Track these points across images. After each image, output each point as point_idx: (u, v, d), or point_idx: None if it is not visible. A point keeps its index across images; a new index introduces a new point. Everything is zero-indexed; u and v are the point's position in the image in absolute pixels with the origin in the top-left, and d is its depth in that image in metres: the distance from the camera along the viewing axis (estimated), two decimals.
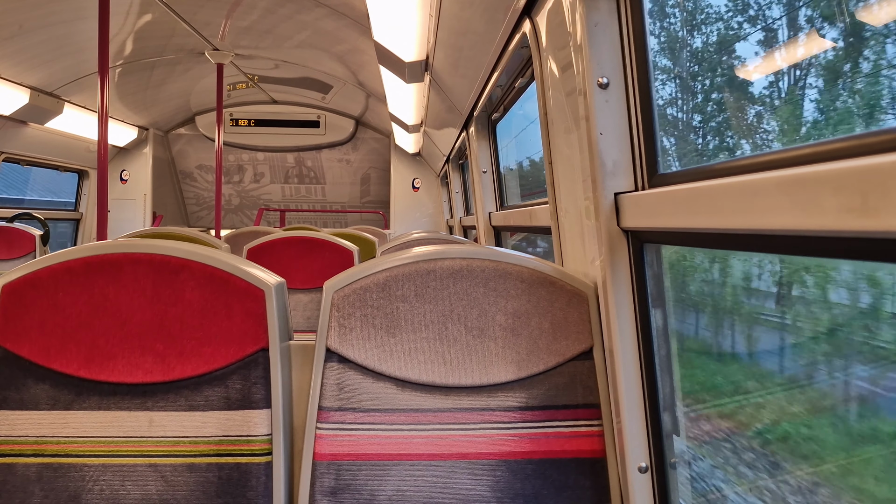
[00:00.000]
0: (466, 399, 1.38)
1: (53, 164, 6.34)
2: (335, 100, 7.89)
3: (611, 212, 1.40)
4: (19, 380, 1.32)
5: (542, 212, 2.32)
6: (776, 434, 1.92)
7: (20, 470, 1.29)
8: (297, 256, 3.21)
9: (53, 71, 5.11)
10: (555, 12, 1.59)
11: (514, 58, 2.32)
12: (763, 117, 1.87)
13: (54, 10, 4.24)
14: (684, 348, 1.94)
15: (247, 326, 1.36)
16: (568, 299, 1.42)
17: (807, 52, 1.58)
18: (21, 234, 4.73)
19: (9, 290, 1.33)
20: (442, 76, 3.49)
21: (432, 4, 2.56)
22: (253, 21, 5.26)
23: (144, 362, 1.34)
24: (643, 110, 1.38)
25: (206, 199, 8.96)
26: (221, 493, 1.31)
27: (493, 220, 3.76)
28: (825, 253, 0.86)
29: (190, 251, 1.37)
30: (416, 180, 8.38)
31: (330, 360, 1.38)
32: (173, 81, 6.88)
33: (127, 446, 1.32)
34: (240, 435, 1.33)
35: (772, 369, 2.01)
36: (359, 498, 1.33)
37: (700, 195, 1.07)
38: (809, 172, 0.79)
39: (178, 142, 8.66)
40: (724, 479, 1.97)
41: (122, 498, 1.30)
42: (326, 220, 9.12)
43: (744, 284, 2.02)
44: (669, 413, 1.41)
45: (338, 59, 6.14)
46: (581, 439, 1.37)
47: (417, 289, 1.40)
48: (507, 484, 1.34)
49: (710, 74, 2.07)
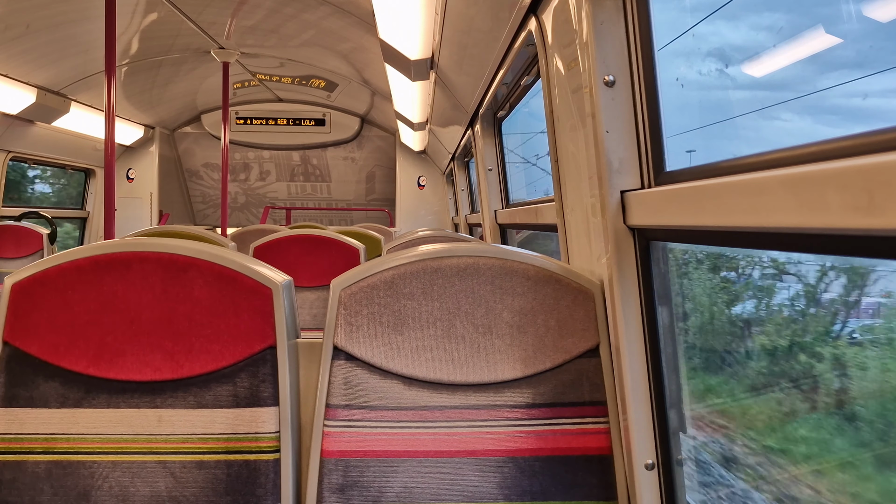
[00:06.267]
0: (473, 396, 1.39)
1: (60, 163, 6.37)
2: (340, 98, 7.90)
3: (617, 209, 1.40)
4: (29, 378, 1.33)
5: (549, 209, 2.32)
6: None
7: (30, 467, 1.30)
8: (304, 254, 3.22)
9: (60, 70, 5.13)
10: (561, 10, 1.59)
11: (520, 56, 2.32)
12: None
13: (61, 10, 4.26)
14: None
15: (255, 324, 1.37)
16: (574, 297, 1.42)
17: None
18: (28, 233, 4.75)
19: (18, 289, 1.34)
20: (447, 74, 3.49)
21: (438, 2, 2.56)
22: (258, 20, 5.27)
23: (153, 360, 1.35)
24: (649, 108, 1.38)
25: (212, 198, 8.99)
26: (230, 490, 1.32)
27: (498, 217, 3.77)
28: (831, 251, 0.86)
29: (198, 249, 1.38)
30: (421, 178, 8.38)
31: (337, 358, 1.39)
32: (179, 80, 6.90)
33: (136, 444, 1.33)
34: (248, 432, 1.34)
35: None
36: (367, 495, 1.33)
37: (706, 193, 1.07)
38: (815, 171, 0.80)
39: (184, 140, 8.69)
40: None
41: (131, 495, 1.31)
42: (332, 218, 9.14)
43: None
44: (676, 410, 1.41)
45: (343, 57, 6.14)
46: (588, 436, 1.38)
47: (424, 287, 1.41)
48: (514, 481, 1.35)
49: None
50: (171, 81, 6.82)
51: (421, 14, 2.76)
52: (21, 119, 5.28)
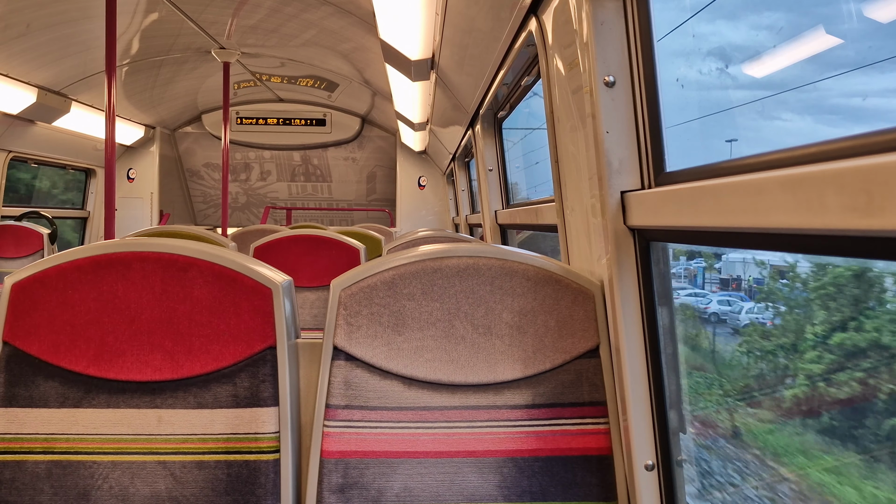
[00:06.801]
0: (473, 397, 1.39)
1: (61, 162, 6.37)
2: (341, 98, 7.91)
3: (617, 210, 1.40)
4: (29, 377, 1.33)
5: (549, 210, 2.32)
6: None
7: (30, 467, 1.30)
8: (304, 254, 3.22)
9: (61, 70, 5.13)
10: (561, 11, 1.59)
11: (520, 56, 2.32)
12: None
13: (61, 10, 4.26)
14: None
15: (255, 324, 1.37)
16: (574, 297, 1.42)
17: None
18: (29, 233, 4.75)
19: (18, 289, 1.34)
20: (448, 74, 3.49)
21: (438, 3, 2.56)
22: (259, 20, 5.27)
23: (153, 359, 1.35)
24: (650, 109, 1.38)
25: (212, 198, 8.99)
26: (230, 490, 1.32)
27: (499, 218, 3.77)
28: (830, 251, 0.86)
29: (198, 249, 1.38)
30: (421, 178, 8.39)
31: (337, 358, 1.39)
32: (180, 80, 6.90)
33: (136, 444, 1.33)
34: (248, 432, 1.34)
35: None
36: (366, 495, 1.34)
37: (706, 193, 1.07)
38: (814, 171, 0.80)
39: (184, 140, 8.69)
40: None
41: (131, 495, 1.31)
42: (332, 219, 9.14)
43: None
44: (676, 411, 1.41)
45: (344, 57, 6.15)
46: (588, 437, 1.38)
47: (424, 287, 1.41)
48: (514, 481, 1.35)
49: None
50: (171, 81, 6.82)
51: (421, 14, 2.76)
52: (22, 119, 5.29)
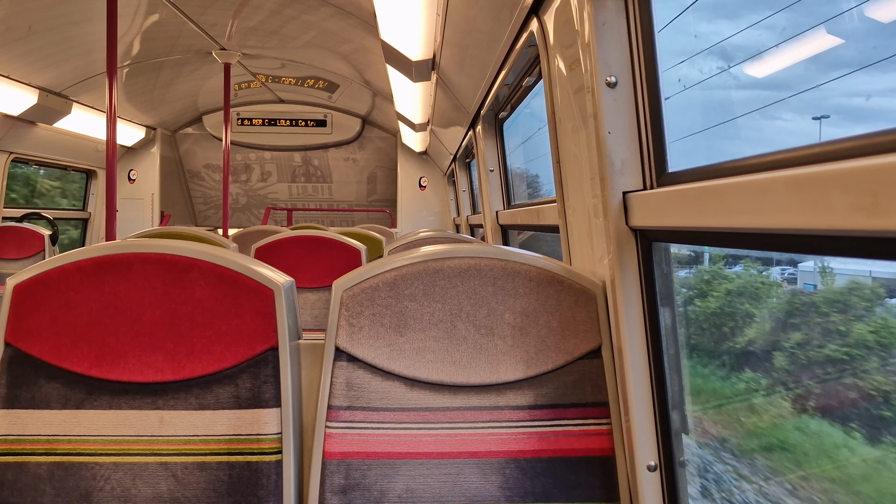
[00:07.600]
0: (475, 398, 1.39)
1: (62, 164, 6.38)
2: (342, 99, 7.91)
3: (619, 210, 1.40)
4: (30, 379, 1.32)
5: (550, 210, 2.32)
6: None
7: (31, 468, 1.30)
8: (305, 255, 3.22)
9: (62, 71, 5.14)
10: (562, 11, 1.59)
11: (522, 56, 2.32)
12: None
13: (63, 12, 4.26)
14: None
15: (256, 325, 1.36)
16: (576, 298, 1.42)
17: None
18: (30, 234, 4.75)
19: (20, 290, 1.34)
20: (449, 75, 3.49)
21: (439, 3, 2.56)
22: (259, 21, 5.27)
23: (155, 361, 1.35)
24: (651, 109, 1.37)
25: (213, 199, 8.99)
26: (232, 491, 1.32)
27: (500, 218, 3.76)
28: (835, 252, 0.86)
29: (199, 251, 1.38)
30: (422, 179, 8.39)
31: (339, 359, 1.39)
32: (181, 81, 6.90)
33: (138, 445, 1.33)
34: (250, 434, 1.34)
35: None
36: (368, 496, 1.33)
37: (709, 194, 1.07)
38: (819, 171, 0.79)
39: (185, 141, 8.69)
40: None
41: (133, 497, 1.31)
42: (333, 219, 9.14)
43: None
44: (678, 412, 1.41)
45: (344, 58, 6.15)
46: (590, 438, 1.37)
47: (426, 288, 1.40)
48: (516, 482, 1.35)
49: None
50: (172, 83, 6.82)
51: (422, 15, 2.76)
52: (23, 120, 5.29)
